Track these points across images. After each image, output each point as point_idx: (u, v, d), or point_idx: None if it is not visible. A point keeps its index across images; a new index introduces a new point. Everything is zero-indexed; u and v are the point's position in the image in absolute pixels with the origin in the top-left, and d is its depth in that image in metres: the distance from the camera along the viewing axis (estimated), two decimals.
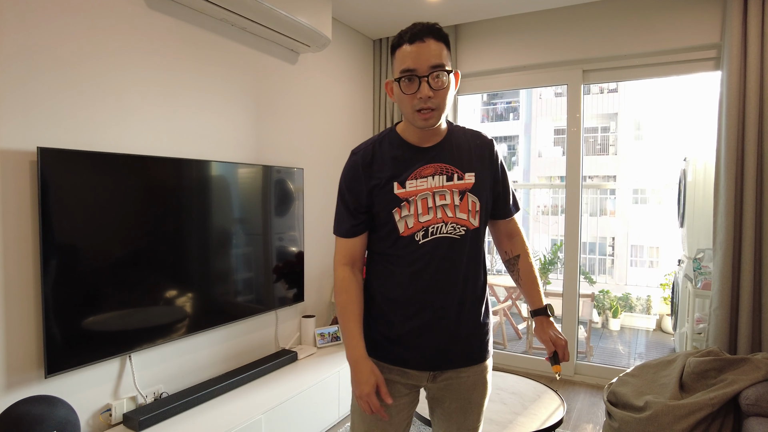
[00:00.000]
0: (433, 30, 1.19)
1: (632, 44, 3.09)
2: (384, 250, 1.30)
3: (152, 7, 2.19)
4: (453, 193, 1.25)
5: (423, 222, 1.24)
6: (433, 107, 1.19)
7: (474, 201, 1.26)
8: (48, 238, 1.72)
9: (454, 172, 1.26)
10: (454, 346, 1.29)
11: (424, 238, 1.25)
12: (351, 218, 1.29)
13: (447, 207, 1.25)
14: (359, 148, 1.32)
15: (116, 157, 1.95)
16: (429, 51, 1.17)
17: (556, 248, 7.05)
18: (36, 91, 1.78)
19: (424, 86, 1.17)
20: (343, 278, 1.30)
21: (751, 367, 2.19)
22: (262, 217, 2.70)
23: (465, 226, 1.26)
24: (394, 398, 1.29)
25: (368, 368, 1.24)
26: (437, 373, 1.31)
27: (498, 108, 13.50)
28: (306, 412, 2.49)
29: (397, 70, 1.21)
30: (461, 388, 1.32)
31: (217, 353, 2.55)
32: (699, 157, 3.86)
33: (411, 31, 1.18)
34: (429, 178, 1.25)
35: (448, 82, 1.20)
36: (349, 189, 1.29)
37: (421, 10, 3.22)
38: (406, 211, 1.24)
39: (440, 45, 1.19)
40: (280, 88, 2.95)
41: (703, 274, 3.35)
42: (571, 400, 3.11)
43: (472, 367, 1.32)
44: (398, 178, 1.25)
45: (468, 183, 1.26)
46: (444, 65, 1.18)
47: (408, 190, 1.25)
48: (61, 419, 1.61)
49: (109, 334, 1.95)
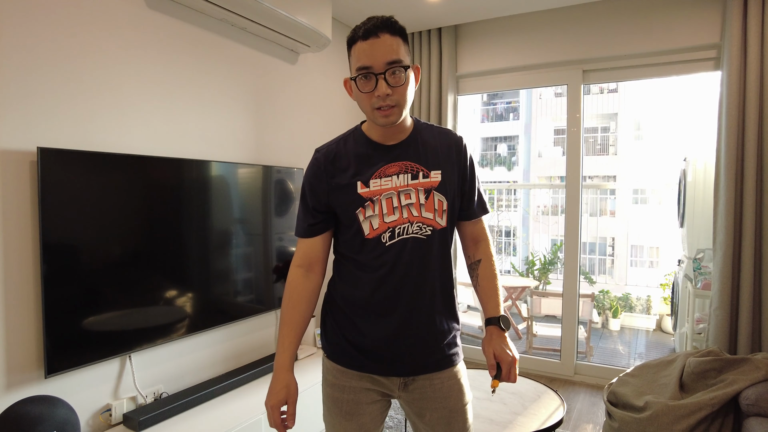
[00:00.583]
0: (388, 24, 1.13)
1: (632, 44, 3.09)
2: (350, 254, 1.25)
3: (152, 7, 2.19)
4: (418, 192, 1.20)
5: (389, 222, 1.19)
6: (392, 104, 1.14)
7: (440, 200, 1.22)
8: (48, 238, 1.72)
9: (419, 170, 1.22)
10: (424, 350, 1.24)
11: (391, 239, 1.20)
12: (309, 217, 1.25)
13: (412, 206, 1.20)
14: (323, 146, 1.28)
15: (116, 157, 1.95)
16: (384, 46, 1.12)
17: (556, 248, 7.07)
18: (36, 91, 1.78)
19: (381, 84, 1.12)
20: (291, 281, 1.27)
21: (751, 367, 2.19)
22: (262, 217, 2.70)
23: (431, 225, 1.21)
24: (366, 404, 1.25)
25: (283, 381, 1.20)
26: (408, 380, 1.25)
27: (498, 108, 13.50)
28: (306, 412, 2.49)
29: (353, 68, 1.16)
30: (436, 396, 1.25)
31: (217, 353, 2.55)
32: (699, 157, 3.86)
33: (365, 26, 1.13)
34: (393, 176, 1.21)
35: (406, 77, 1.15)
36: (309, 187, 1.25)
37: (421, 10, 3.22)
38: (371, 211, 1.19)
39: (396, 39, 1.14)
40: (280, 88, 2.95)
41: (703, 274, 3.35)
42: (571, 400, 3.11)
43: (444, 372, 1.26)
44: (362, 176, 1.21)
45: (434, 181, 1.21)
46: (401, 60, 1.13)
47: (372, 189, 1.20)
48: (61, 419, 1.61)
49: (109, 334, 1.94)
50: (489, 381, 1.23)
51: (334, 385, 1.27)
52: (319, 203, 1.24)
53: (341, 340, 1.26)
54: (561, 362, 3.49)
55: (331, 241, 1.30)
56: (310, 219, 1.25)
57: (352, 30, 1.16)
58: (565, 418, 2.08)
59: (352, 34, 1.16)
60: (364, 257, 1.22)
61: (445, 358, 1.27)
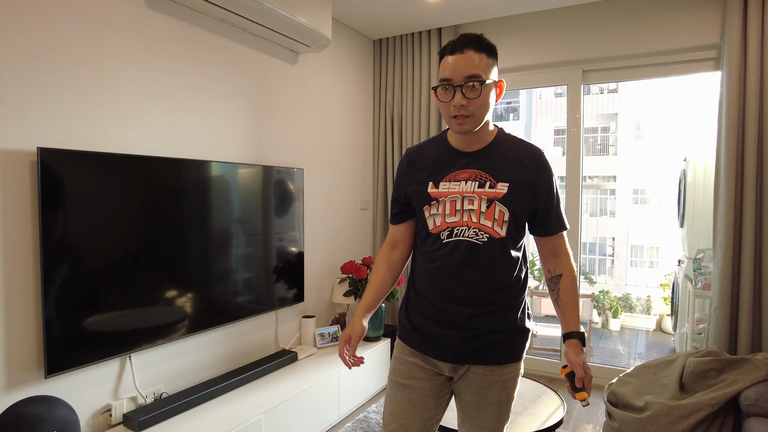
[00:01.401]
0: (474, 41, 1.23)
1: (632, 44, 3.09)
2: (419, 244, 1.40)
3: (152, 7, 2.19)
4: (481, 200, 1.28)
5: (449, 222, 1.30)
6: (466, 114, 1.23)
7: (502, 211, 1.28)
8: (48, 238, 1.72)
9: (487, 180, 1.29)
10: (467, 344, 1.32)
11: (448, 237, 1.31)
12: (394, 206, 1.45)
13: (473, 212, 1.28)
14: (413, 147, 1.45)
15: (116, 158, 1.95)
16: (466, 62, 1.21)
17: None
18: (36, 91, 1.78)
19: (457, 95, 1.22)
20: (379, 255, 1.51)
21: (751, 368, 2.19)
22: (262, 218, 2.70)
23: (488, 233, 1.28)
24: (417, 379, 1.38)
25: (354, 324, 1.42)
26: (456, 366, 1.36)
27: (498, 108, 13.48)
28: (306, 413, 2.49)
29: (439, 78, 1.27)
30: (475, 384, 1.35)
31: (217, 353, 2.55)
32: (699, 157, 3.86)
33: (454, 41, 1.24)
34: (462, 182, 1.30)
35: (483, 91, 1.23)
36: (396, 181, 1.45)
37: (421, 10, 3.22)
38: (435, 210, 1.32)
39: (481, 56, 1.22)
40: (280, 88, 2.95)
41: (703, 274, 3.35)
42: (571, 400, 3.10)
43: (490, 367, 1.34)
44: (434, 178, 1.34)
45: (498, 192, 1.28)
46: (480, 75, 1.21)
47: (440, 190, 1.32)
48: (61, 419, 1.61)
49: (109, 334, 1.94)
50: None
51: (396, 357, 1.44)
52: (399, 195, 1.43)
53: (405, 320, 1.44)
54: (561, 362, 3.48)
55: (414, 228, 1.45)
56: (395, 209, 1.45)
57: (444, 46, 1.28)
58: (565, 418, 2.08)
59: (442, 49, 1.27)
60: (426, 248, 1.36)
61: (493, 354, 1.34)
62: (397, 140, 3.71)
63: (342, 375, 2.76)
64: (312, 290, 3.23)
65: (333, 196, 3.44)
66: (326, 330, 3.11)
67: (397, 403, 1.40)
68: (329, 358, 2.89)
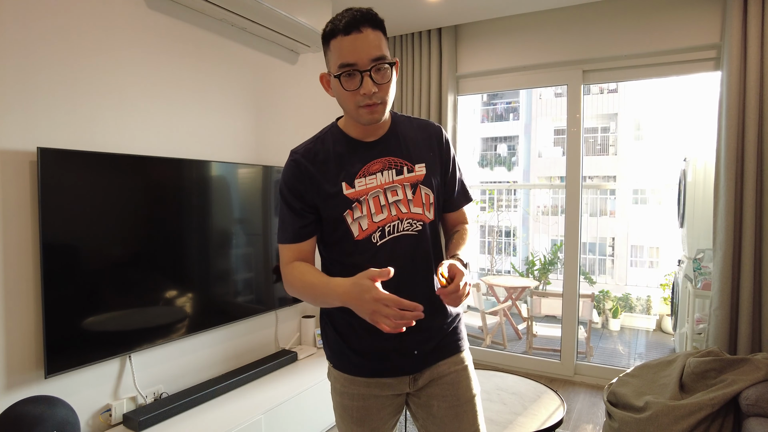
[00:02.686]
0: (369, 17, 1.08)
1: (632, 44, 3.09)
2: (339, 259, 1.20)
3: (152, 7, 2.19)
4: (405, 187, 1.18)
5: (378, 222, 1.16)
6: (378, 101, 1.09)
7: (427, 193, 1.20)
8: (48, 238, 1.72)
9: (403, 165, 1.19)
10: (427, 344, 1.22)
11: (382, 238, 1.16)
12: (298, 220, 1.17)
13: (400, 203, 1.17)
14: (300, 146, 1.22)
15: (116, 158, 1.95)
16: (368, 42, 1.06)
17: (556, 249, 7.06)
18: (36, 92, 1.78)
19: (367, 81, 1.07)
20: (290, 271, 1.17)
21: (751, 368, 2.19)
22: (261, 218, 2.70)
23: (421, 220, 1.19)
24: (376, 410, 1.23)
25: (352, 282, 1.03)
26: (417, 375, 1.24)
27: (498, 108, 13.50)
28: (306, 413, 2.49)
29: (334, 65, 1.09)
30: (444, 385, 1.23)
31: (217, 353, 2.55)
32: (699, 157, 3.86)
33: (344, 18, 1.06)
34: (378, 174, 1.17)
35: (391, 74, 1.10)
36: (290, 190, 1.17)
37: (421, 10, 3.22)
38: (359, 212, 1.15)
39: (378, 34, 1.09)
40: (280, 88, 2.95)
41: (703, 274, 3.35)
42: (571, 401, 3.11)
43: (449, 359, 1.25)
44: (346, 177, 1.16)
45: (419, 175, 1.20)
46: (385, 57, 1.08)
47: (357, 189, 1.16)
48: (61, 419, 1.61)
49: (109, 334, 1.94)
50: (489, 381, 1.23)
51: (342, 393, 1.25)
52: (305, 204, 1.17)
53: (344, 348, 1.23)
54: (561, 362, 3.49)
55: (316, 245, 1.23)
56: (300, 221, 1.17)
57: (330, 22, 1.08)
58: (565, 419, 2.08)
59: (330, 27, 1.08)
60: (356, 260, 1.16)
61: (450, 344, 1.26)
62: None
63: None
64: None
65: None
66: None
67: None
68: None
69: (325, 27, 1.10)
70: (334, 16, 1.10)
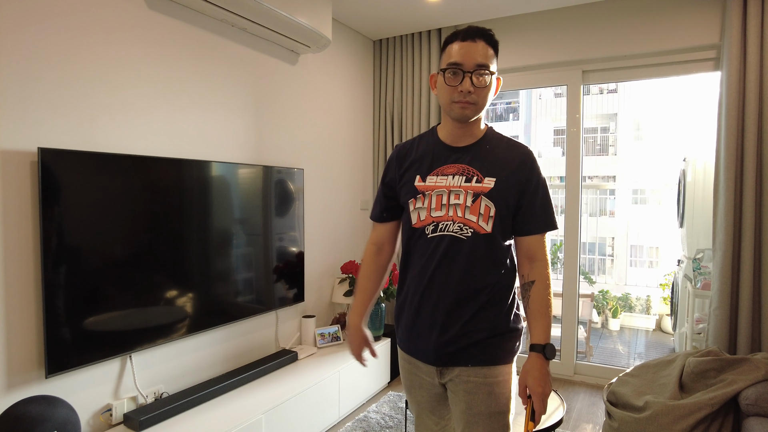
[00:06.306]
0: (485, 33, 1.25)
1: (632, 45, 3.09)
2: (405, 242, 1.38)
3: (152, 7, 2.19)
4: (467, 194, 1.26)
5: (435, 217, 1.28)
6: (471, 101, 1.24)
7: (488, 206, 1.25)
8: (48, 238, 1.73)
9: (474, 175, 1.27)
10: (450, 344, 1.28)
11: (433, 233, 1.28)
12: (383, 201, 1.43)
13: (458, 206, 1.26)
14: (401, 143, 1.44)
15: (117, 158, 1.96)
16: (477, 50, 1.23)
17: (555, 248, 7.07)
18: (36, 92, 1.78)
19: (466, 80, 1.22)
20: (365, 255, 1.49)
21: (750, 367, 2.19)
22: (262, 218, 2.70)
23: (473, 228, 1.26)
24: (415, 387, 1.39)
25: (357, 338, 1.43)
26: (442, 369, 1.32)
27: (498, 108, 13.49)
28: (306, 412, 2.49)
29: (444, 62, 1.26)
30: (460, 389, 1.29)
31: (218, 353, 2.55)
32: (699, 157, 3.86)
33: (466, 30, 1.26)
34: (449, 176, 1.29)
35: (489, 82, 1.25)
36: (383, 176, 1.43)
37: (421, 10, 3.22)
38: (420, 203, 1.30)
39: (489, 49, 1.25)
40: (280, 88, 2.95)
41: (702, 274, 3.35)
42: (571, 400, 3.11)
43: (472, 369, 1.28)
44: (422, 172, 1.33)
45: (485, 187, 1.26)
46: (488, 66, 1.24)
47: (427, 184, 1.31)
48: (62, 419, 1.62)
49: (110, 334, 1.95)
50: None
51: (400, 356, 1.45)
52: (389, 189, 1.41)
53: (399, 321, 1.41)
54: (561, 362, 3.49)
55: (399, 227, 1.44)
56: (383, 204, 1.43)
57: (453, 32, 1.28)
58: (564, 418, 2.08)
59: (452, 35, 1.27)
60: (412, 245, 1.34)
61: (476, 356, 1.28)
62: (397, 140, 3.72)
63: (342, 375, 2.76)
64: (312, 290, 3.24)
65: (333, 196, 3.45)
66: (326, 330, 3.12)
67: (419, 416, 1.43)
68: (329, 357, 2.89)
69: (448, 35, 1.30)
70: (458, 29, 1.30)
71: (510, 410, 1.30)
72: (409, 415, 2.66)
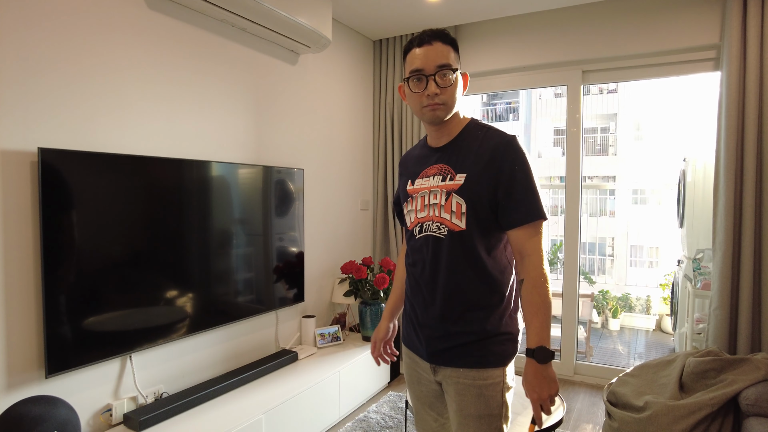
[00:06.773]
0: (440, 34, 1.26)
1: (632, 45, 3.09)
2: (406, 243, 1.45)
3: (152, 7, 2.19)
4: (442, 193, 1.27)
5: (420, 218, 1.32)
6: (440, 102, 1.24)
7: (459, 202, 1.23)
8: (48, 239, 1.73)
9: (448, 173, 1.29)
10: (437, 343, 1.30)
11: (419, 233, 1.33)
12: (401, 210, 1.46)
13: (435, 206, 1.29)
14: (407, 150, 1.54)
15: (117, 158, 1.96)
16: (435, 52, 1.23)
17: (555, 248, 7.07)
18: (36, 92, 1.78)
19: (431, 84, 1.23)
20: (398, 260, 1.60)
21: (750, 367, 2.19)
22: (262, 218, 2.70)
23: (447, 226, 1.26)
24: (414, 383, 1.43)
25: (381, 326, 1.57)
26: (435, 367, 1.34)
27: (498, 108, 13.50)
28: (306, 412, 2.49)
29: (407, 71, 1.29)
30: (451, 390, 1.29)
31: (218, 353, 2.55)
32: (698, 158, 3.87)
33: (420, 35, 1.27)
34: (431, 177, 1.31)
35: (454, 79, 1.25)
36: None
37: (421, 10, 3.22)
38: (410, 206, 1.35)
39: (447, 47, 1.25)
40: (280, 88, 2.95)
41: (702, 274, 3.35)
42: (571, 400, 3.11)
43: (462, 371, 1.26)
44: (413, 176, 1.38)
45: (456, 184, 1.25)
46: (450, 65, 1.24)
47: (415, 187, 1.35)
48: (62, 419, 1.62)
49: (110, 334, 1.95)
50: None
51: (404, 351, 1.47)
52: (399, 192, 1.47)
53: (403, 316, 1.47)
54: (561, 362, 3.49)
55: None
56: (400, 206, 1.45)
57: (409, 41, 1.30)
58: (565, 418, 2.08)
59: (408, 44, 1.29)
60: (410, 246, 1.39)
61: (467, 356, 1.26)
62: (397, 140, 3.72)
63: (342, 375, 2.76)
64: (312, 290, 3.24)
65: (333, 196, 3.45)
66: (326, 330, 3.12)
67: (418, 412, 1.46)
68: (329, 358, 2.89)
69: (405, 44, 1.32)
70: (413, 36, 1.31)
71: (503, 414, 1.26)
72: (409, 416, 2.66)
